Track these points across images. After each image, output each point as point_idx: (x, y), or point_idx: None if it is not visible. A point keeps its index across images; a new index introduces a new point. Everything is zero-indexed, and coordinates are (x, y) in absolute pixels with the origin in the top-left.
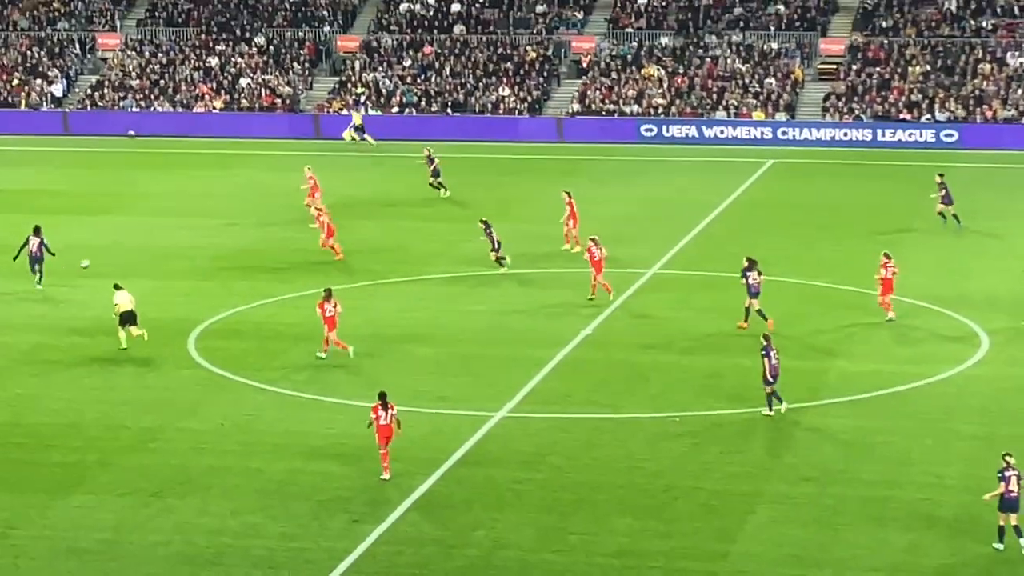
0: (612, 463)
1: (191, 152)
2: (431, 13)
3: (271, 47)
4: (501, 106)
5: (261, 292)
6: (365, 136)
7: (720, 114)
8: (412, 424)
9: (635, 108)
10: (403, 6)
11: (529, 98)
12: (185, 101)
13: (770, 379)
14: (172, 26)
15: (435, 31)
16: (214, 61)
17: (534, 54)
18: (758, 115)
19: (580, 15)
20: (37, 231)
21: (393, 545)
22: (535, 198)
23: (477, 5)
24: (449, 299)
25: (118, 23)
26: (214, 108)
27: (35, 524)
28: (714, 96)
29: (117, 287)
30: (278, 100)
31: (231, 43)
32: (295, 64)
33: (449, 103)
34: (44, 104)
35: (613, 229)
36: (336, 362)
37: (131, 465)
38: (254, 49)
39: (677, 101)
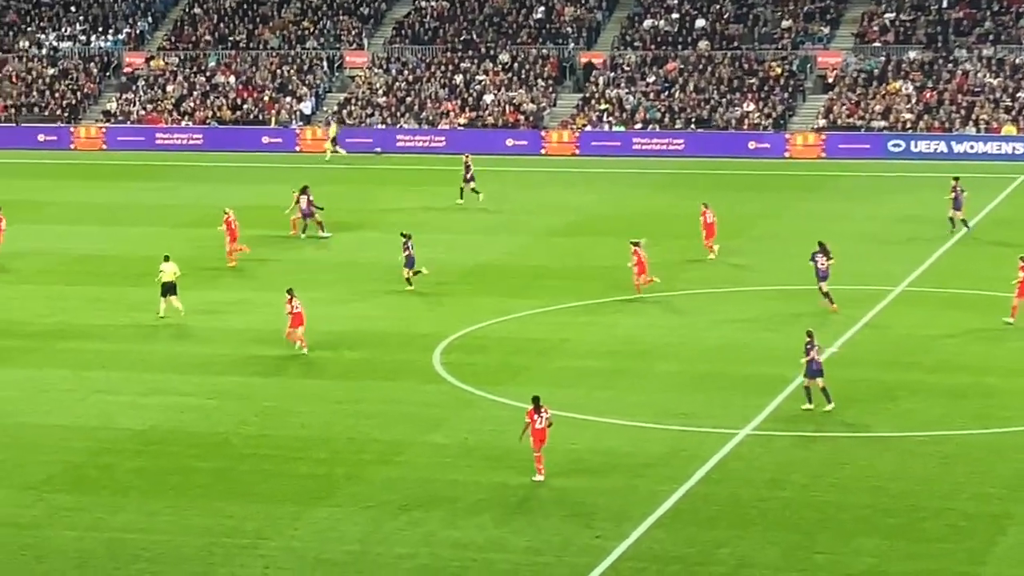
0: (857, 482)
1: (436, 169)
2: (675, 29)
3: (515, 64)
4: (745, 122)
5: (505, 307)
6: (338, 148)
7: (969, 129)
8: (655, 441)
9: (882, 123)
10: (647, 22)
11: (773, 114)
12: (430, 118)
13: (810, 374)
14: (418, 44)
15: (679, 47)
16: (459, 78)
17: (779, 69)
18: (1008, 129)
19: (826, 30)
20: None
21: (636, 562)
22: (779, 213)
23: (722, 21)
24: (690, 315)
25: (365, 41)
26: (458, 125)
27: (284, 535)
28: (963, 111)
29: (166, 258)
30: (521, 116)
31: (476, 60)
32: (539, 81)
33: (692, 119)
34: (294, 122)
35: (860, 246)
36: (577, 379)
37: (378, 478)
38: (498, 66)
39: (925, 116)
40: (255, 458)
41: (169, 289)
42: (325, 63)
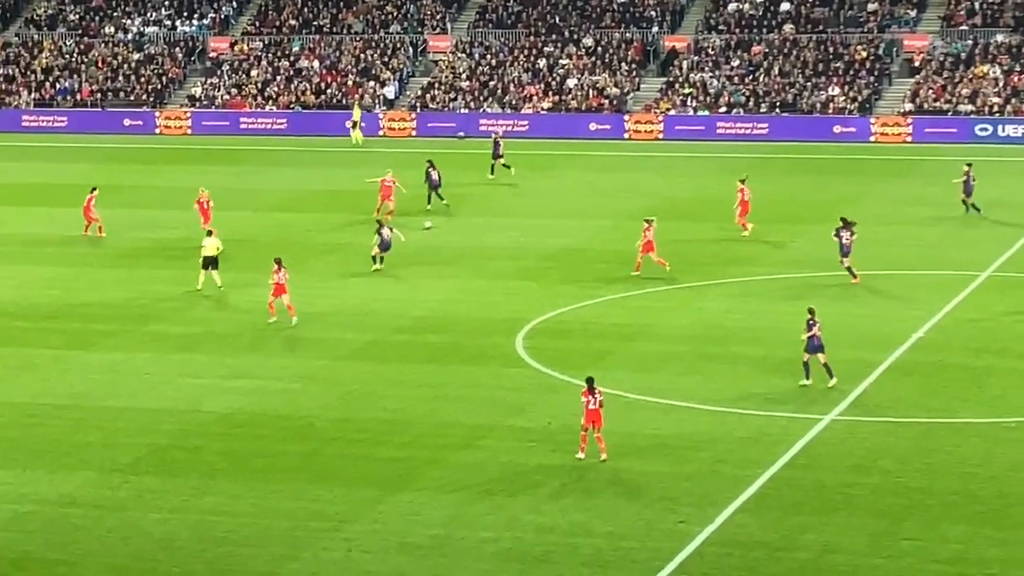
0: (945, 468)
1: (518, 153)
2: (760, 12)
3: (599, 48)
4: (830, 106)
5: (588, 292)
6: (358, 132)
7: None
8: (739, 426)
9: (969, 107)
10: (732, 6)
11: (859, 97)
12: (513, 102)
13: (810, 350)
14: (501, 28)
15: (764, 30)
16: (542, 62)
17: (865, 53)
18: None
19: (913, 13)
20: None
21: (720, 547)
22: (864, 198)
23: (807, 4)
24: (775, 300)
25: (449, 26)
26: (541, 109)
27: (367, 518)
28: None
29: (209, 233)
30: (605, 101)
31: (559, 44)
32: (622, 65)
33: (777, 103)
34: (376, 106)
35: (946, 230)
36: (660, 364)
37: (461, 462)
38: (582, 50)
39: (1013, 100)
40: (339, 442)
41: (210, 263)
42: (408, 47)
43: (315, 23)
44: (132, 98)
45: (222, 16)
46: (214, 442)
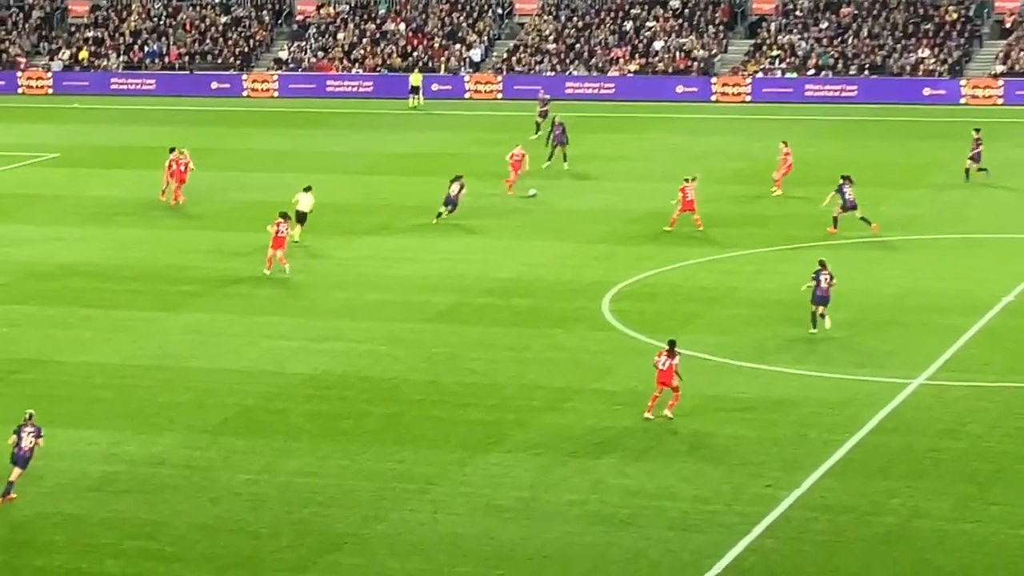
0: None
1: (605, 116)
2: None
3: (686, 10)
4: (920, 68)
5: (675, 255)
6: (418, 97)
7: None
8: (826, 389)
9: None
10: None
11: (949, 59)
12: (600, 65)
13: (816, 300)
14: None
15: None
16: (629, 25)
17: (955, 14)
18: None
19: None
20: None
21: (807, 511)
22: (954, 161)
23: None
24: (862, 264)
25: None
26: (628, 72)
27: (454, 480)
28: None
29: (306, 189)
30: (692, 63)
31: (646, 6)
32: (709, 27)
33: (866, 65)
34: (463, 69)
35: None
36: (747, 327)
37: (546, 425)
38: (669, 12)
39: None
40: (425, 404)
41: (301, 218)
42: (495, 10)
43: None
44: (219, 61)
45: None
46: (300, 404)
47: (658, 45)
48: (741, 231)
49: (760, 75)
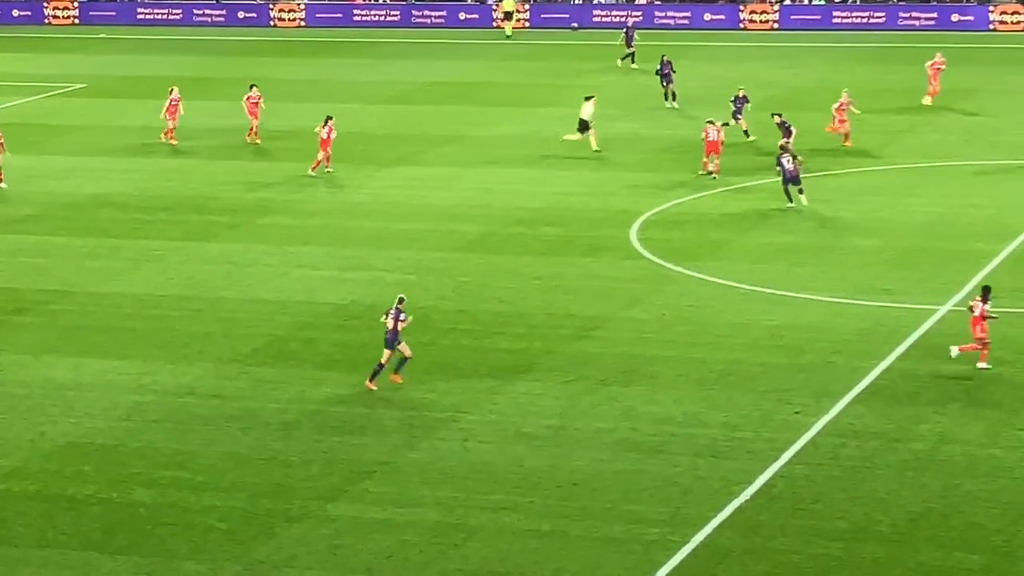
0: None
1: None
2: None
3: None
4: None
5: (703, 184)
6: (508, 24)
7: None
8: (855, 317)
9: None
10: None
11: None
12: None
13: (787, 181)
14: None
15: None
16: None
17: None
18: None
19: None
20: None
21: (836, 437)
22: (983, 88)
23: None
24: (893, 192)
25: None
26: (656, 0)
27: (483, 409)
28: None
29: (587, 98)
30: None
31: None
32: None
33: None
34: None
35: None
36: (776, 255)
37: (576, 353)
38: None
39: None
40: (454, 333)
41: (583, 126)
42: None
43: None
44: None
45: None
46: (330, 333)
47: None
48: (771, 158)
49: (788, 2)
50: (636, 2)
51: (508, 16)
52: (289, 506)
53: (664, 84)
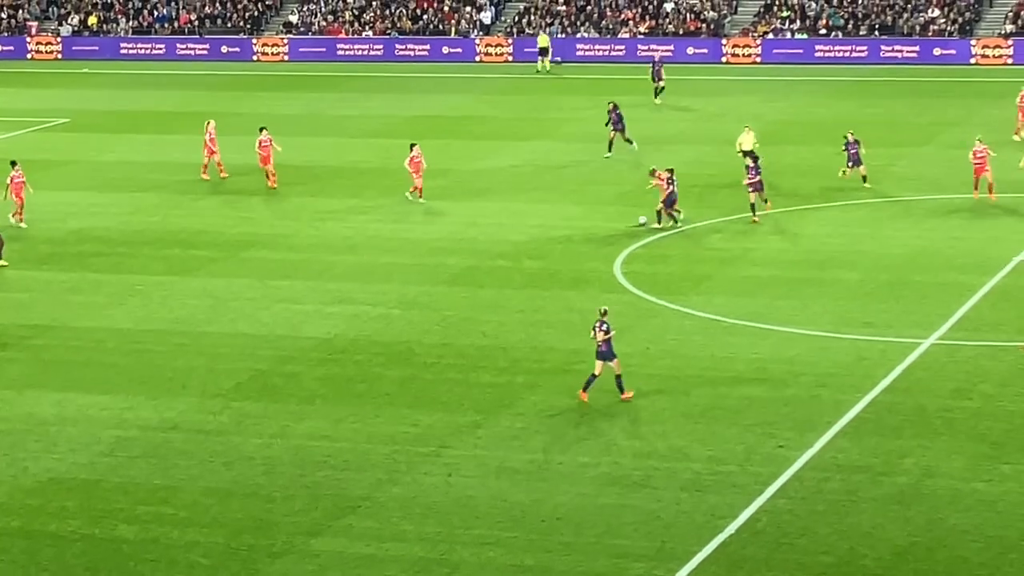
0: None
1: (615, 79)
2: None
3: None
4: (930, 28)
5: (686, 217)
6: (544, 60)
7: None
8: (838, 350)
9: None
10: None
11: (959, 19)
12: (610, 27)
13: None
14: None
15: None
16: None
17: None
18: None
19: None
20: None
21: (820, 471)
22: (964, 121)
23: None
24: (874, 224)
25: None
26: (638, 33)
27: (467, 443)
28: None
29: (746, 128)
30: (702, 24)
31: None
32: None
33: (876, 26)
34: (473, 31)
35: None
36: (759, 288)
37: (559, 387)
38: None
39: None
40: (438, 367)
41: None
42: None
43: None
44: (229, 25)
45: None
46: (314, 367)
47: (668, 7)
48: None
49: (770, 36)
50: (618, 36)
51: (544, 52)
52: (272, 541)
53: (613, 131)
